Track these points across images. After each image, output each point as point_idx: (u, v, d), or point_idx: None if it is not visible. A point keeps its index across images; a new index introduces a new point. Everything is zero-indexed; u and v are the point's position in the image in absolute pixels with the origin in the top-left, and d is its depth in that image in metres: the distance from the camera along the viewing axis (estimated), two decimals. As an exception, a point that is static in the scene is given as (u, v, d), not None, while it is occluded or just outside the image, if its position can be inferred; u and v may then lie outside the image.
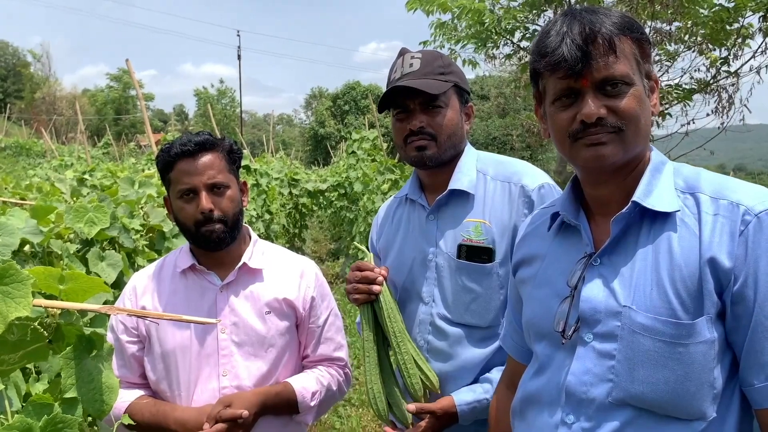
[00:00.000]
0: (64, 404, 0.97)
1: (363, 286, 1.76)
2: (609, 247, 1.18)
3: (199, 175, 1.77)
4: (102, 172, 5.94)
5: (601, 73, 1.13)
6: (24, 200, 2.83)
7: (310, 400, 1.83)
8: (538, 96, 1.27)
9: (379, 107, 1.84)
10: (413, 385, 1.71)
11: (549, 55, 1.15)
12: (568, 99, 1.17)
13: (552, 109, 1.21)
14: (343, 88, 54.29)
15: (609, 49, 1.13)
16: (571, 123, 1.17)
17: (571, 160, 1.22)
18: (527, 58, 7.21)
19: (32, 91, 58.94)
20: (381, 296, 1.75)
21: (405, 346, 1.72)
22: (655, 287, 1.11)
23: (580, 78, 1.14)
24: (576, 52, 1.12)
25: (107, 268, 2.32)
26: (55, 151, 13.82)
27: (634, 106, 1.14)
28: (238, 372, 1.79)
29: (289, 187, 11.62)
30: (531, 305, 1.33)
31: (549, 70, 1.17)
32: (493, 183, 1.78)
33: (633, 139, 1.16)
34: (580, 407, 1.16)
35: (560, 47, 1.14)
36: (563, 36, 1.14)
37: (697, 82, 7.13)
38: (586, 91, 1.15)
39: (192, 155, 1.78)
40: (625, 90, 1.14)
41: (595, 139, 1.15)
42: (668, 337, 1.08)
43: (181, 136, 1.84)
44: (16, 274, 0.94)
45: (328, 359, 1.96)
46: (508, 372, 1.54)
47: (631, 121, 1.14)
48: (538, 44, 1.19)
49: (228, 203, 1.80)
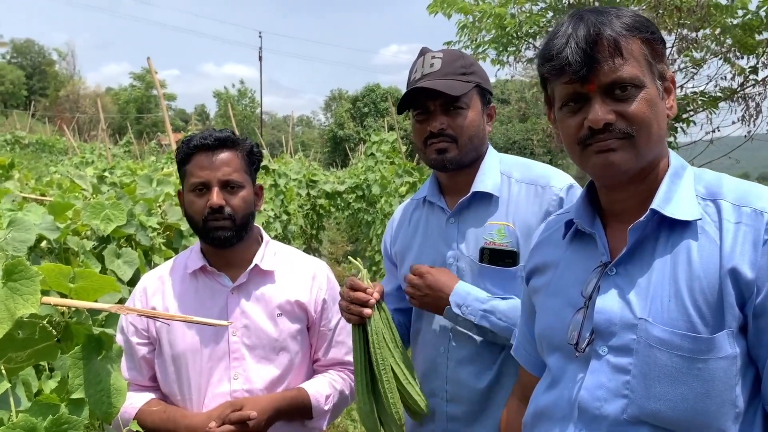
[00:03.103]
0: (71, 405, 0.95)
1: (355, 307, 1.66)
2: (625, 257, 1.13)
3: (214, 170, 1.74)
4: (122, 169, 5.98)
5: (608, 77, 1.08)
6: (44, 196, 2.84)
7: (324, 404, 1.80)
8: (549, 100, 1.22)
9: (399, 108, 1.80)
10: (393, 414, 1.65)
11: (553, 59, 1.11)
12: (576, 104, 1.13)
13: (560, 115, 1.17)
14: (363, 90, 54.38)
15: (615, 52, 1.08)
16: (579, 129, 1.13)
17: (581, 166, 1.17)
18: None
19: (56, 89, 59.88)
20: (371, 320, 1.66)
21: (387, 374, 1.65)
22: (673, 299, 1.05)
23: (586, 83, 1.09)
24: (580, 55, 1.08)
25: (123, 266, 2.31)
26: (76, 149, 13.99)
27: (645, 110, 1.09)
28: (250, 375, 1.76)
29: (307, 188, 11.62)
30: (544, 316, 1.27)
31: (554, 75, 1.13)
32: (518, 185, 1.73)
33: (645, 145, 1.10)
34: (593, 424, 1.10)
35: (564, 50, 1.09)
36: (568, 38, 1.10)
37: (722, 90, 7.01)
38: (593, 96, 1.10)
39: (211, 149, 1.76)
40: (635, 93, 1.09)
41: (604, 146, 1.10)
42: (686, 352, 1.02)
43: (203, 130, 1.82)
44: (25, 270, 0.92)
45: (339, 363, 1.93)
46: (520, 384, 1.48)
47: (642, 126, 1.09)
48: (544, 47, 1.15)
49: (239, 203, 1.76)
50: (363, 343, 1.71)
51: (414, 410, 1.70)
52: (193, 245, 1.94)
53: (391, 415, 1.66)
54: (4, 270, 0.92)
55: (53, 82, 61.88)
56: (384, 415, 1.70)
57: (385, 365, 1.66)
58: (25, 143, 21.12)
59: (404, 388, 1.68)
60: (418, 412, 1.70)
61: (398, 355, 1.70)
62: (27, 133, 22.87)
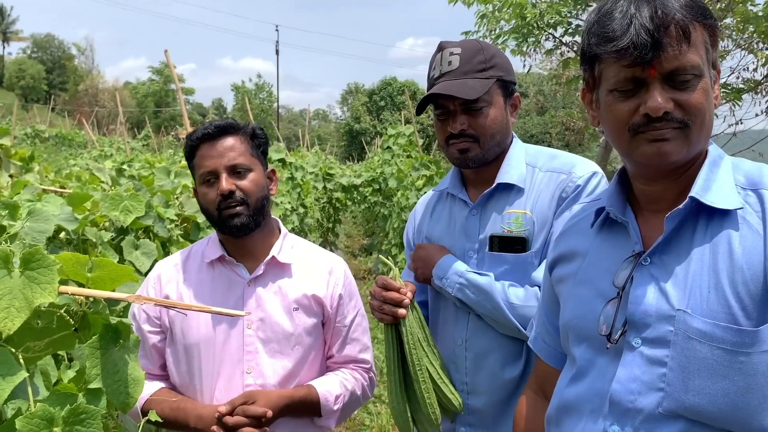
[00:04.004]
0: (89, 395, 0.94)
1: (388, 307, 1.67)
2: (660, 246, 1.09)
3: (219, 158, 1.73)
4: (140, 162, 6.01)
5: (671, 64, 1.03)
6: (63, 188, 2.85)
7: (333, 404, 1.78)
8: (591, 81, 1.16)
9: (418, 109, 1.78)
10: (430, 414, 1.66)
11: (615, 40, 1.04)
12: (630, 88, 1.07)
13: (609, 98, 1.11)
14: (380, 84, 54.32)
15: (683, 38, 1.02)
16: (631, 115, 1.08)
17: (627, 154, 1.12)
18: (569, 54, 7.07)
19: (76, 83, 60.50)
20: (405, 319, 1.67)
21: (423, 374, 1.65)
22: (713, 290, 1.01)
23: (648, 67, 1.04)
24: (646, 38, 1.02)
25: (141, 257, 2.31)
26: (95, 142, 14.11)
27: (702, 100, 1.05)
28: (263, 370, 1.74)
29: (324, 182, 11.63)
30: (570, 306, 1.24)
31: (613, 56, 1.06)
32: (542, 174, 1.70)
33: (697, 136, 1.07)
34: (625, 417, 1.07)
35: (629, 31, 1.03)
36: (631, 19, 1.03)
37: (745, 82, 6.88)
38: (652, 82, 1.05)
39: (213, 138, 1.75)
40: (695, 83, 1.05)
41: (658, 135, 1.05)
42: (729, 345, 0.99)
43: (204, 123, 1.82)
44: (42, 259, 0.91)
45: (353, 361, 1.90)
46: (536, 376, 1.44)
47: (698, 116, 1.05)
48: (600, 26, 1.08)
49: (250, 185, 1.74)
50: (396, 343, 1.70)
51: (447, 408, 1.69)
52: (211, 234, 1.93)
53: (427, 415, 1.65)
54: (22, 259, 0.91)
55: (72, 77, 62.52)
56: (418, 414, 1.69)
57: (421, 366, 1.66)
58: (45, 137, 21.35)
59: (439, 388, 1.67)
60: (452, 410, 1.69)
61: (432, 355, 1.70)
62: (47, 127, 23.12)
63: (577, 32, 6.38)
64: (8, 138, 2.87)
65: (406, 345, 1.66)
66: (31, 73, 62.86)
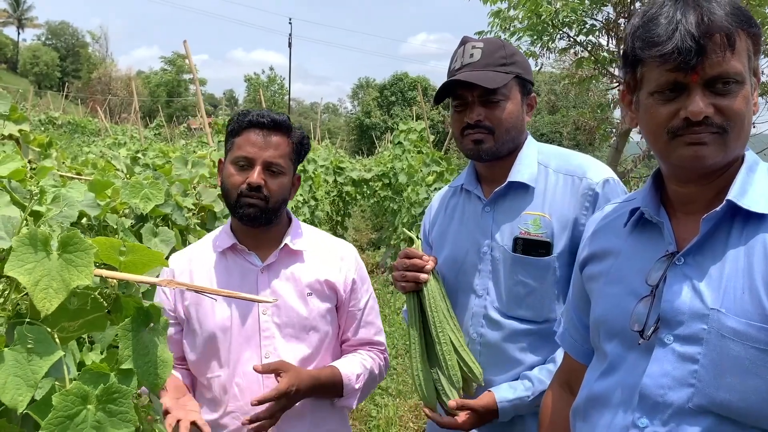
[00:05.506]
0: (120, 375, 0.97)
1: (410, 273, 1.73)
2: (695, 247, 1.12)
3: (262, 150, 1.76)
4: (154, 151, 6.05)
5: (714, 70, 1.06)
6: (80, 175, 2.89)
7: (355, 383, 1.82)
8: (632, 83, 1.19)
9: (436, 98, 1.80)
10: (452, 376, 1.68)
11: (660, 45, 1.07)
12: (672, 92, 1.10)
13: (650, 101, 1.14)
14: (391, 78, 54.17)
15: (727, 45, 1.05)
16: (671, 118, 1.10)
17: (664, 156, 1.16)
18: (582, 54, 7.05)
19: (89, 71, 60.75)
20: (427, 285, 1.72)
21: (445, 337, 1.69)
22: (747, 291, 1.04)
23: (691, 72, 1.06)
24: (691, 44, 1.04)
25: (160, 244, 2.34)
26: (109, 130, 14.20)
27: (742, 107, 1.08)
28: (281, 354, 1.77)
29: (334, 175, 11.66)
30: (602, 302, 1.27)
31: (657, 60, 1.09)
32: (555, 176, 1.73)
33: (735, 142, 1.09)
34: (654, 411, 1.10)
35: (674, 36, 1.06)
36: (677, 25, 1.06)
37: (761, 86, 6.85)
38: (693, 87, 1.08)
39: (265, 128, 1.78)
40: (736, 89, 1.07)
41: (696, 139, 1.08)
42: (763, 345, 1.02)
43: (262, 109, 1.84)
44: (80, 242, 0.94)
45: (369, 343, 1.95)
46: (563, 371, 1.48)
47: (737, 122, 1.08)
48: (645, 30, 1.11)
49: (277, 188, 1.78)
50: (418, 311, 1.75)
51: (468, 378, 1.71)
52: (223, 225, 1.97)
53: (449, 377, 1.68)
54: (60, 242, 0.94)
55: (86, 64, 62.80)
56: (439, 383, 1.72)
57: (443, 328, 1.70)
58: (59, 124, 21.49)
59: (460, 356, 1.70)
60: (473, 380, 1.72)
61: (453, 324, 1.73)
62: (60, 114, 23.26)
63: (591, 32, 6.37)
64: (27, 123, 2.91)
65: (428, 309, 1.71)
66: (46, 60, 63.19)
